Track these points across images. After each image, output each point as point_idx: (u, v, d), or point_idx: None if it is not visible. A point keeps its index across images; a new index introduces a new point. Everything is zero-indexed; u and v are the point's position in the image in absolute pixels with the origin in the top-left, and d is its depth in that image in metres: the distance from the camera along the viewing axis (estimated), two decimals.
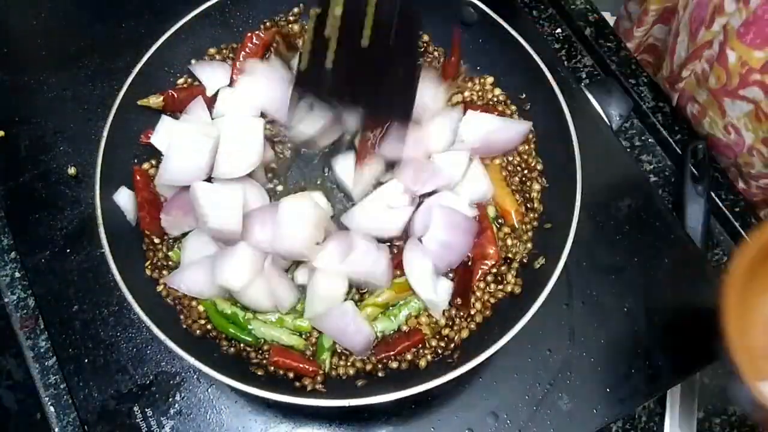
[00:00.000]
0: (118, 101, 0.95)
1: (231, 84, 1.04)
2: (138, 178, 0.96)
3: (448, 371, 0.82)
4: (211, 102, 1.02)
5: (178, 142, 0.95)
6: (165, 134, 0.98)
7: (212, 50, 1.07)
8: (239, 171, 0.96)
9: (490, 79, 1.08)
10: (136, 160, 1.00)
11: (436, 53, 1.10)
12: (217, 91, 1.02)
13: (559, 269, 0.86)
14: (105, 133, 0.93)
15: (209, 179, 0.95)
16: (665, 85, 1.25)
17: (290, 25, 1.11)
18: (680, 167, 1.15)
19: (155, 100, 1.00)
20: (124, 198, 0.95)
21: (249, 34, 1.05)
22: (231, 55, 1.08)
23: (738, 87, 1.03)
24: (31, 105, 1.15)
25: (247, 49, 1.05)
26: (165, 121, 0.99)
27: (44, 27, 1.23)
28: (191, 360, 0.81)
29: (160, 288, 0.93)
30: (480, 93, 1.08)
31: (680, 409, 1.01)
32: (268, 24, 1.10)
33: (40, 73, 1.18)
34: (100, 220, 0.88)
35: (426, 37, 1.10)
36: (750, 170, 1.13)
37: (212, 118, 1.01)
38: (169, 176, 0.94)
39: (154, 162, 1.01)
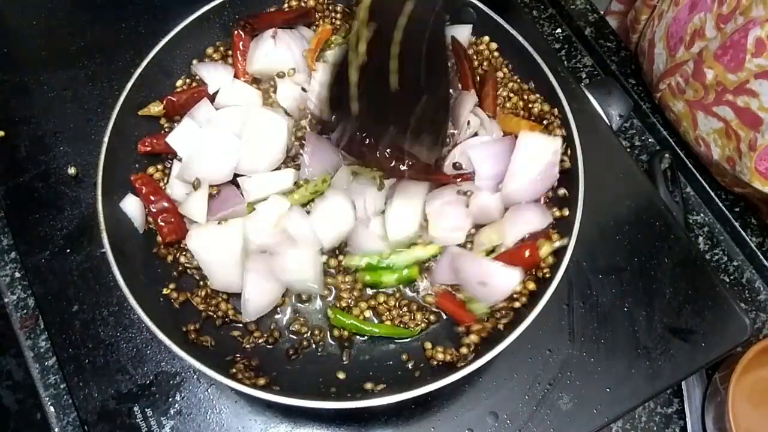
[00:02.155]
0: (118, 106, 0.95)
1: (236, 77, 1.05)
2: (144, 188, 0.95)
3: (448, 374, 0.82)
4: (212, 100, 1.03)
5: (206, 145, 0.96)
6: (185, 135, 0.98)
7: (210, 50, 1.07)
8: (263, 167, 0.98)
9: (485, 38, 1.08)
10: (137, 165, 0.99)
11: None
12: (218, 90, 1.03)
13: (562, 270, 0.87)
14: (106, 139, 0.93)
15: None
16: (648, 87, 1.26)
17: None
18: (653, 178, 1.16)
19: (156, 109, 1.00)
20: (132, 205, 0.95)
21: (236, 31, 1.05)
22: (229, 52, 1.08)
23: (713, 103, 1.03)
24: (31, 105, 1.15)
25: (240, 46, 1.05)
26: (186, 123, 0.99)
27: (44, 27, 1.23)
28: (191, 361, 0.81)
29: (166, 291, 0.93)
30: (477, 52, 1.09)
31: (697, 406, 1.04)
32: None
33: (40, 73, 1.18)
34: (102, 226, 0.88)
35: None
36: (724, 179, 1.14)
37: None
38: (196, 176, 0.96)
39: (159, 167, 1.00)
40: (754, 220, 1.15)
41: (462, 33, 1.07)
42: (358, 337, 0.94)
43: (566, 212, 0.94)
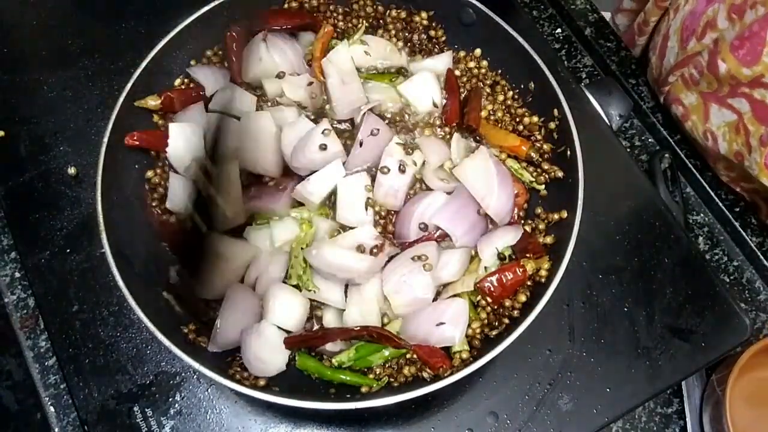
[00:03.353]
0: (118, 107, 0.95)
1: (232, 80, 1.05)
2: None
3: (447, 376, 0.82)
4: (206, 102, 1.03)
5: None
6: (181, 138, 0.98)
7: (209, 52, 1.07)
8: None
9: (478, 51, 1.08)
10: (137, 165, 0.99)
11: (440, 32, 1.11)
12: (215, 92, 1.03)
13: (562, 271, 0.86)
14: (105, 139, 0.93)
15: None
16: (653, 84, 1.25)
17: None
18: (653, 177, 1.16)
19: (153, 102, 1.00)
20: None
21: (229, 33, 1.05)
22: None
23: (728, 95, 1.03)
24: (31, 105, 1.15)
25: (234, 47, 1.05)
26: (174, 128, 0.99)
27: (44, 27, 1.23)
28: (190, 361, 0.81)
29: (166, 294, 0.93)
30: (466, 69, 1.09)
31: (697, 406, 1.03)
32: None
33: (40, 73, 1.18)
34: (102, 226, 0.88)
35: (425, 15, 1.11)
36: (729, 173, 1.14)
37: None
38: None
39: (158, 171, 1.00)
40: (754, 220, 1.15)
41: (441, 62, 1.07)
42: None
43: (565, 213, 0.94)
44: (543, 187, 1.00)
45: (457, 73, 1.08)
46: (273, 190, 0.98)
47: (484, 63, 1.09)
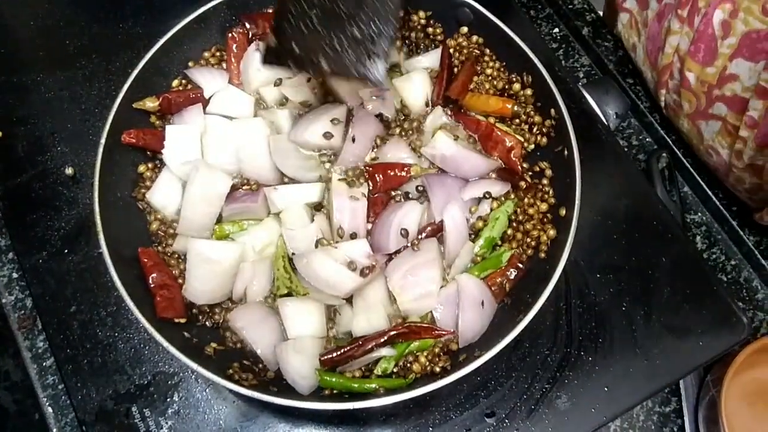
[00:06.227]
0: (115, 107, 0.95)
1: (231, 81, 1.06)
2: (146, 260, 0.92)
3: (446, 374, 0.82)
4: (205, 104, 1.03)
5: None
6: (178, 141, 0.99)
7: (207, 53, 1.08)
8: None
9: (464, 29, 1.08)
10: (133, 166, 1.00)
11: (438, 29, 1.11)
12: (213, 94, 1.04)
13: (560, 270, 0.87)
14: (103, 140, 0.93)
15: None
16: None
17: None
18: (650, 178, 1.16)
19: (151, 104, 1.00)
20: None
21: (230, 34, 1.05)
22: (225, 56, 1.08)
23: (707, 107, 1.04)
24: (29, 105, 1.15)
25: (234, 49, 1.05)
26: (178, 129, 0.99)
27: (43, 27, 1.23)
28: (188, 362, 0.81)
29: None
30: (458, 45, 1.09)
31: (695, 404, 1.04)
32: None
33: (38, 74, 1.18)
34: (99, 227, 0.88)
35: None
36: (743, 186, 1.14)
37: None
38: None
39: (150, 165, 1.01)
40: (753, 220, 1.15)
41: (434, 58, 1.07)
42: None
43: (563, 211, 0.94)
44: (533, 147, 1.02)
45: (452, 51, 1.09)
46: (249, 192, 0.99)
47: (474, 38, 1.09)
